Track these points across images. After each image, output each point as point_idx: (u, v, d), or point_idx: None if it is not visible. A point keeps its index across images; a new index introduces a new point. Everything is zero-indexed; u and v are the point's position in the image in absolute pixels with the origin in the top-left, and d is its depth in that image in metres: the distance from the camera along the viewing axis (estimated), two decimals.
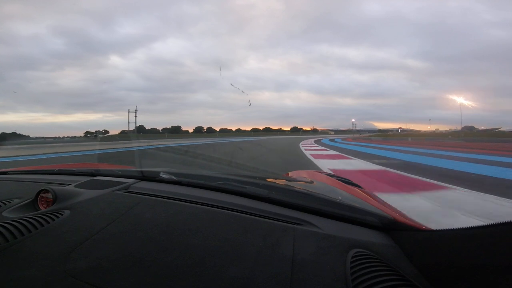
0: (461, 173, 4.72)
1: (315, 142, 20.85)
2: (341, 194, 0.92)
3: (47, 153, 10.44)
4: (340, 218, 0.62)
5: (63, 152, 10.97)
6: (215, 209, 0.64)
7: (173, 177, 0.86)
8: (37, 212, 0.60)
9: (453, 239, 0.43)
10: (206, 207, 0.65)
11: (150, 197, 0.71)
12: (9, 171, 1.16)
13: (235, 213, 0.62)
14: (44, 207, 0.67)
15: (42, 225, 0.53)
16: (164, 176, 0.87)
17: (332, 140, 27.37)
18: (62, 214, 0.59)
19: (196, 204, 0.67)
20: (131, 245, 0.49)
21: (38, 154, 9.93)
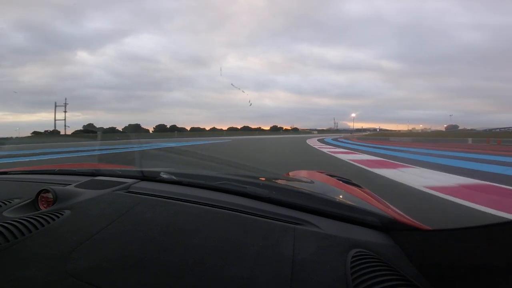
0: None
1: (321, 142, 19.55)
2: (341, 194, 0.92)
3: None
4: (340, 218, 0.62)
5: None
6: (216, 209, 0.64)
7: (174, 177, 0.86)
8: (38, 212, 0.61)
9: (453, 239, 0.43)
10: (207, 207, 0.65)
11: (151, 197, 0.71)
12: (10, 171, 1.16)
13: (235, 213, 0.62)
14: (45, 207, 0.67)
15: (43, 225, 0.53)
16: (165, 176, 0.87)
17: (335, 140, 26.34)
18: (63, 214, 0.59)
19: (197, 204, 0.67)
20: (132, 245, 0.49)
21: None
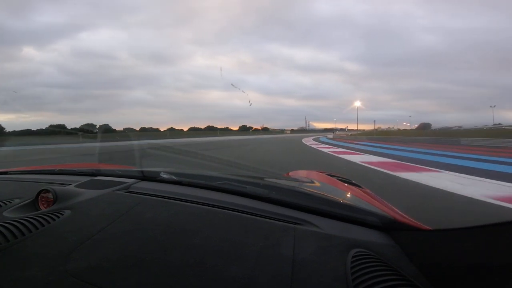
0: None
1: (330, 145, 16.53)
2: (342, 194, 0.92)
3: None
4: (341, 218, 0.62)
5: None
6: (216, 209, 0.64)
7: (174, 177, 0.86)
8: (38, 212, 0.61)
9: (453, 239, 0.43)
10: (207, 207, 0.65)
11: (151, 197, 0.71)
12: (10, 171, 1.16)
13: (236, 213, 0.62)
14: (45, 207, 0.67)
15: (43, 225, 0.53)
16: (165, 176, 0.87)
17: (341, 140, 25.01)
18: (63, 214, 0.59)
19: (197, 204, 0.67)
20: (132, 245, 0.49)
21: None
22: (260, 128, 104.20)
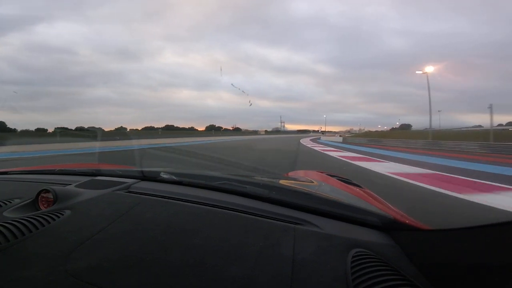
0: None
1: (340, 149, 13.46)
2: (342, 194, 0.92)
3: None
4: (341, 218, 0.62)
5: None
6: (216, 209, 0.64)
7: (174, 177, 0.86)
8: (38, 212, 0.61)
9: (453, 239, 0.43)
10: (207, 207, 0.65)
11: (151, 197, 0.71)
12: (10, 171, 1.16)
13: (236, 213, 0.62)
14: (45, 207, 0.67)
15: (43, 225, 0.53)
16: (165, 176, 0.87)
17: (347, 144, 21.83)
18: (63, 214, 0.59)
19: (197, 204, 0.67)
20: (132, 245, 0.49)
21: None
22: (232, 129, 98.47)
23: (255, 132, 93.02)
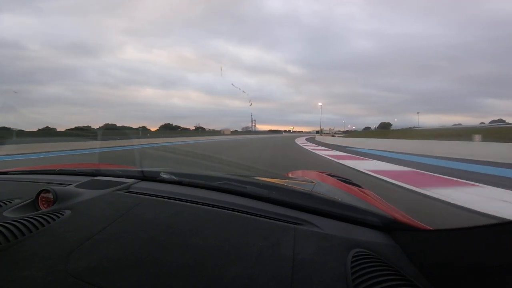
0: None
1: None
2: (342, 194, 0.92)
3: None
4: (341, 218, 0.62)
5: None
6: (216, 209, 0.64)
7: (174, 177, 0.86)
8: (38, 212, 0.61)
9: (453, 239, 0.43)
10: (207, 207, 0.65)
11: (151, 197, 0.71)
12: (10, 171, 1.16)
13: (236, 213, 0.62)
14: (45, 207, 0.67)
15: (43, 225, 0.53)
16: (165, 176, 0.87)
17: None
18: (63, 214, 0.59)
19: (197, 204, 0.67)
20: (132, 245, 0.49)
21: None
22: (194, 129, 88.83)
23: (218, 133, 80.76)
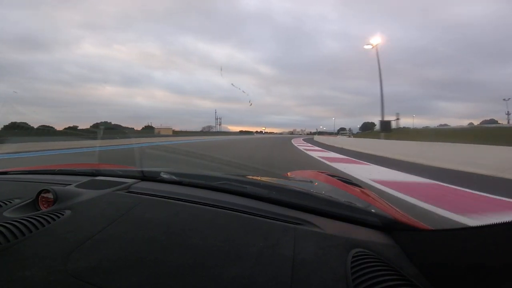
0: None
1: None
2: (342, 194, 0.92)
3: None
4: (341, 218, 0.62)
5: None
6: (216, 209, 0.64)
7: (174, 177, 0.86)
8: (38, 212, 0.61)
9: (453, 239, 0.43)
10: (207, 207, 0.65)
11: (151, 197, 0.71)
12: (10, 171, 1.16)
13: (236, 213, 0.62)
14: (45, 207, 0.67)
15: (43, 225, 0.53)
16: (165, 176, 0.87)
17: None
18: (63, 214, 0.59)
19: (197, 204, 0.67)
20: (132, 245, 0.49)
21: None
22: (143, 128, 76.09)
23: (151, 131, 60.77)
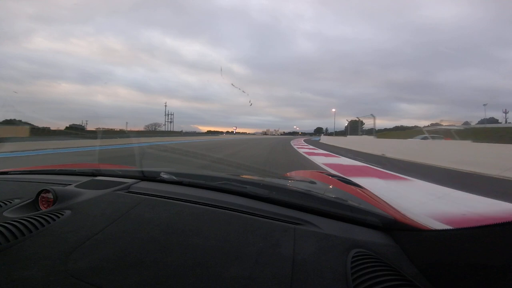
0: None
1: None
2: (342, 194, 0.92)
3: None
4: (341, 218, 0.62)
5: None
6: (216, 209, 0.64)
7: (174, 177, 0.86)
8: (38, 212, 0.61)
9: (453, 239, 0.43)
10: (207, 207, 0.65)
11: (151, 197, 0.71)
12: (10, 171, 1.16)
13: (236, 213, 0.62)
14: (45, 207, 0.67)
15: (43, 225, 0.53)
16: (165, 176, 0.87)
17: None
18: (63, 214, 0.59)
19: (197, 204, 0.67)
20: (132, 245, 0.49)
21: None
22: (95, 130, 65.19)
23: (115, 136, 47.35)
